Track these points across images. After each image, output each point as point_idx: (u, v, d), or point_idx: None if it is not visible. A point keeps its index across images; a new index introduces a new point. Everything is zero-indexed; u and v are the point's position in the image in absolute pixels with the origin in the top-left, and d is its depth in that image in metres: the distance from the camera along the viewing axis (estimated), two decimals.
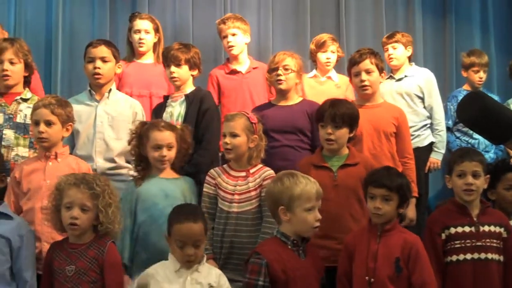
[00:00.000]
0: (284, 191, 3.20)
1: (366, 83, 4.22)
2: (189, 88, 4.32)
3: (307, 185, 3.21)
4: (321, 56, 5.18)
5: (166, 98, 4.37)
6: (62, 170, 3.52)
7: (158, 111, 4.32)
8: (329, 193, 3.52)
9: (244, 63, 5.07)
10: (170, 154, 3.71)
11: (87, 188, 3.18)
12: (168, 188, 3.68)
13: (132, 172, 3.89)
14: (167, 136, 3.71)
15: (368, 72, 4.23)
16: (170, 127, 3.79)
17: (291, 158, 4.05)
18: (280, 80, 4.28)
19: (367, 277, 3.24)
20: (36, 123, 3.67)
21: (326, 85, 5.17)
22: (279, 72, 4.28)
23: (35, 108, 3.72)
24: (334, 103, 3.81)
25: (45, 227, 3.49)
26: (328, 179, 3.64)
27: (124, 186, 3.88)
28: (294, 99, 4.35)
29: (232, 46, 5.00)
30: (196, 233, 3.13)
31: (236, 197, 3.67)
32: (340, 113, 3.74)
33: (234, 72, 5.04)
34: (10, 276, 3.20)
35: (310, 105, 4.25)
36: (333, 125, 3.74)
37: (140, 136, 3.75)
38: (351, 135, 3.83)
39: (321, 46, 5.19)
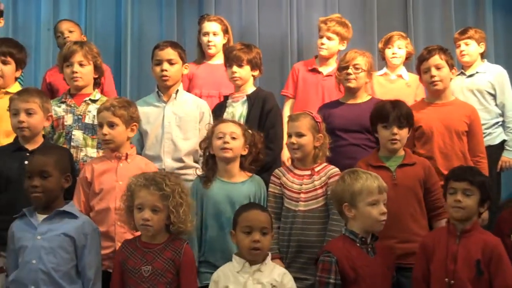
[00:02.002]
0: (345, 189, 3.25)
1: (436, 78, 4.15)
2: (250, 88, 4.33)
3: (368, 179, 3.24)
4: (388, 52, 5.15)
5: (226, 98, 4.39)
6: (133, 171, 3.54)
7: (217, 110, 4.33)
8: (388, 192, 3.47)
9: (330, 66, 5.05)
10: (233, 144, 3.68)
11: (157, 189, 3.19)
12: (234, 195, 3.66)
13: (199, 172, 3.89)
14: (230, 126, 3.73)
15: (437, 67, 4.16)
16: (237, 122, 3.84)
17: (358, 156, 3.99)
18: (350, 79, 4.26)
19: (446, 279, 3.19)
20: (100, 125, 3.73)
21: (396, 83, 5.13)
22: (349, 71, 4.26)
23: (98, 111, 3.78)
24: (396, 104, 3.81)
25: (118, 227, 3.55)
26: (387, 178, 3.58)
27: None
28: (363, 97, 4.32)
29: (323, 49, 5.01)
30: (263, 220, 3.21)
31: (302, 195, 3.66)
32: (404, 113, 3.75)
33: (315, 71, 5.04)
34: (76, 274, 3.24)
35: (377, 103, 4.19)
36: (398, 125, 3.73)
37: (209, 136, 3.77)
38: (409, 135, 3.84)
39: (387, 42, 5.20)
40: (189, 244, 3.29)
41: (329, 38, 5.00)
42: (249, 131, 3.81)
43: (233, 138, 3.69)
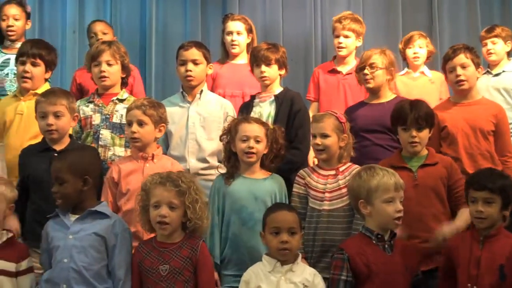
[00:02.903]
0: (361, 185, 3.23)
1: (462, 77, 4.10)
2: (277, 88, 4.32)
3: (384, 176, 3.22)
4: (409, 52, 5.14)
5: (252, 97, 4.38)
6: (159, 171, 3.53)
7: (244, 110, 4.32)
8: (410, 193, 3.47)
9: (348, 65, 5.05)
10: (257, 148, 3.67)
11: (173, 186, 3.19)
12: (257, 190, 3.66)
13: (221, 170, 3.89)
14: (255, 129, 3.70)
15: (463, 66, 4.11)
16: (260, 121, 3.80)
17: (381, 157, 3.96)
18: (367, 79, 4.25)
19: (469, 284, 3.15)
20: (129, 123, 3.74)
21: (420, 80, 5.11)
22: (366, 71, 4.25)
23: (128, 110, 3.80)
24: (414, 105, 3.75)
25: None
26: (408, 179, 3.57)
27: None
28: (387, 96, 4.28)
29: (342, 48, 5.00)
30: (290, 220, 3.21)
31: (327, 195, 3.65)
32: (423, 115, 3.69)
33: (334, 71, 5.05)
34: (106, 273, 3.25)
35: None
36: (417, 127, 3.68)
37: (231, 132, 3.76)
38: (430, 134, 3.78)
39: (408, 42, 5.18)
40: (205, 242, 3.30)
41: (345, 37, 5.00)
42: (270, 126, 3.81)
43: (257, 141, 3.68)
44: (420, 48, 5.13)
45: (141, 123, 3.73)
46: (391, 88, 4.35)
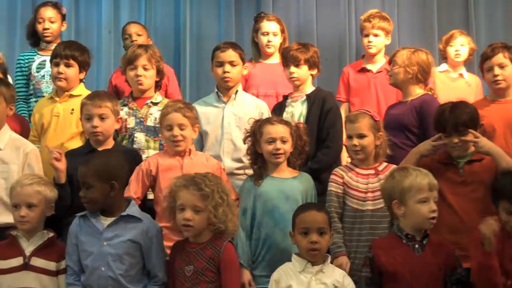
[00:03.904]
0: (395, 185, 3.22)
1: (499, 77, 4.06)
2: (309, 88, 4.31)
3: (418, 176, 3.19)
4: (450, 50, 5.08)
5: (285, 97, 4.38)
6: (197, 166, 3.62)
7: (277, 110, 4.33)
8: (455, 189, 3.46)
9: (378, 63, 5.04)
10: (284, 148, 3.67)
11: (196, 189, 3.20)
12: (287, 190, 3.66)
13: (248, 171, 3.90)
14: (280, 129, 3.68)
15: (501, 66, 4.07)
16: (283, 121, 3.79)
17: (395, 155, 3.89)
18: (388, 75, 4.29)
19: (509, 282, 3.13)
20: (169, 128, 3.74)
21: (458, 82, 5.07)
22: (388, 67, 4.28)
23: (165, 114, 3.79)
24: (453, 111, 3.65)
25: None
26: (454, 175, 3.55)
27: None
28: (414, 93, 4.21)
29: (371, 46, 4.99)
30: (320, 221, 3.21)
31: (370, 194, 3.62)
32: (463, 121, 3.61)
33: (364, 70, 5.03)
34: (141, 275, 3.29)
35: (420, 101, 4.13)
36: (458, 133, 3.62)
37: (255, 134, 3.76)
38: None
39: (448, 40, 5.13)
40: (232, 243, 3.30)
41: (375, 35, 4.99)
42: (293, 124, 3.80)
43: (284, 142, 3.67)
44: (461, 46, 5.08)
45: (182, 126, 3.75)
46: (421, 86, 4.25)
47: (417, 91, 4.20)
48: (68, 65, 4.24)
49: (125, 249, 3.23)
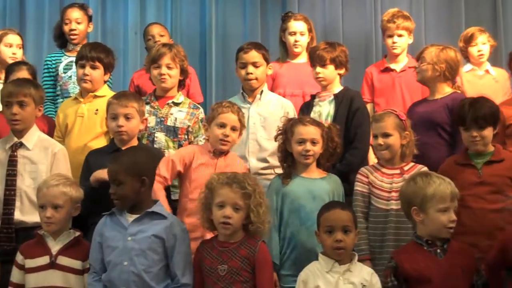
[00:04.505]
0: (417, 191, 3.16)
1: None
2: (337, 87, 4.29)
3: (441, 185, 3.14)
4: (473, 50, 5.04)
5: (313, 97, 4.37)
6: (229, 166, 3.65)
7: (305, 109, 4.32)
8: (474, 190, 3.45)
9: (401, 62, 5.02)
10: (314, 149, 3.67)
11: (239, 188, 3.20)
12: (315, 189, 3.66)
13: (277, 170, 3.90)
14: (311, 131, 3.69)
15: None
16: (316, 122, 3.78)
17: (427, 154, 3.90)
18: (416, 71, 4.28)
19: None
20: (222, 126, 3.77)
21: (485, 79, 5.02)
22: (416, 64, 4.28)
23: (220, 112, 3.79)
24: (473, 104, 3.67)
25: None
26: (473, 176, 3.53)
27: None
28: (442, 92, 4.19)
29: (396, 47, 4.97)
30: (345, 219, 3.19)
31: (394, 194, 3.59)
32: (482, 115, 3.61)
33: (387, 70, 5.01)
34: (164, 273, 3.27)
35: (451, 99, 4.10)
36: (477, 127, 3.61)
37: (286, 132, 3.76)
38: (495, 131, 3.70)
39: (469, 40, 5.08)
40: (265, 243, 3.29)
41: (399, 36, 4.97)
42: (325, 125, 3.79)
43: (314, 143, 3.67)
44: (483, 44, 5.03)
45: (234, 128, 3.79)
46: (449, 84, 4.24)
47: (446, 89, 4.18)
48: (93, 67, 4.28)
49: (148, 244, 3.23)
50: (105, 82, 4.39)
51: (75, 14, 5.16)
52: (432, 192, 3.12)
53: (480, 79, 5.01)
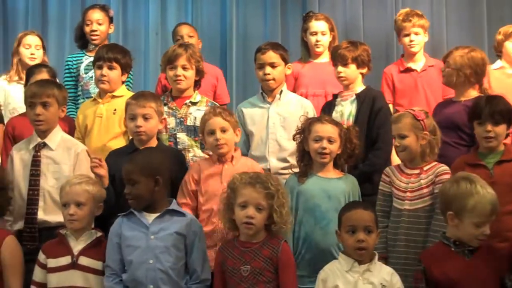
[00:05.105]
0: (458, 197, 3.12)
1: None
2: (359, 87, 4.28)
3: (483, 197, 3.09)
4: (509, 46, 4.96)
5: (335, 96, 4.36)
6: (238, 172, 3.59)
7: (326, 109, 4.31)
8: None
9: (419, 61, 5.00)
10: (330, 148, 3.66)
11: (262, 188, 3.20)
12: (330, 189, 3.65)
13: (295, 170, 3.90)
14: (328, 129, 3.69)
15: None
16: (334, 122, 3.78)
17: (447, 154, 3.88)
18: (442, 74, 4.25)
19: None
20: (211, 132, 3.77)
21: None
22: (442, 68, 4.24)
23: (206, 120, 3.82)
24: (490, 100, 3.67)
25: (221, 226, 3.57)
26: (484, 176, 3.45)
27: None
28: (468, 95, 4.15)
29: (414, 45, 4.95)
30: (367, 219, 3.17)
31: (408, 194, 3.59)
32: (499, 110, 3.61)
33: (408, 70, 4.99)
34: (184, 272, 3.30)
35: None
36: (492, 122, 3.59)
37: (304, 131, 3.76)
38: (508, 131, 3.68)
39: (509, 36, 5.00)
40: (287, 242, 3.29)
41: (416, 34, 4.95)
42: (344, 126, 3.79)
43: (330, 142, 3.67)
44: None
45: (224, 130, 3.77)
46: (475, 87, 4.20)
47: (471, 93, 4.16)
48: (111, 68, 4.31)
49: (172, 242, 3.26)
50: (123, 82, 4.42)
51: (96, 15, 5.21)
52: (472, 204, 3.08)
53: (508, 78, 4.95)
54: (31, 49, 5.15)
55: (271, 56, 4.26)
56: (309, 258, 3.57)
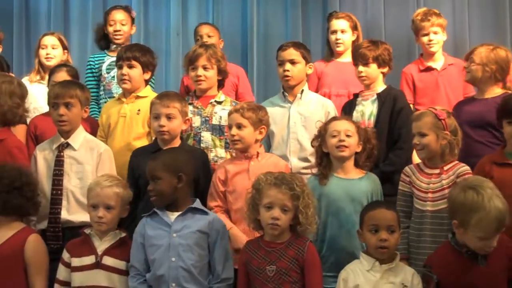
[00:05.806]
0: (463, 207, 3.05)
1: None
2: (380, 86, 4.26)
3: (489, 214, 2.98)
4: None
5: (356, 96, 4.35)
6: (264, 169, 3.60)
7: (347, 108, 4.30)
8: None
9: (439, 60, 4.97)
10: (349, 141, 3.65)
11: (288, 189, 3.18)
12: (353, 192, 3.64)
13: (314, 170, 3.90)
14: (344, 124, 3.69)
15: None
16: (349, 119, 3.81)
17: (481, 153, 3.85)
18: (465, 71, 4.22)
19: None
20: (230, 126, 3.83)
21: None
22: (465, 64, 4.22)
23: (228, 114, 3.88)
24: None
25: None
26: (511, 176, 3.45)
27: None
28: (492, 93, 4.14)
29: (433, 45, 4.92)
30: (389, 218, 3.16)
31: (430, 195, 3.56)
32: None
33: (429, 69, 4.95)
34: (207, 271, 3.31)
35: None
36: None
37: (321, 134, 3.75)
38: None
39: None
40: (312, 243, 3.28)
41: (435, 33, 4.93)
42: (362, 127, 3.78)
43: (348, 136, 3.65)
44: None
45: (239, 126, 3.78)
46: (499, 84, 4.17)
47: (496, 90, 4.14)
48: (130, 66, 4.32)
49: (194, 240, 3.27)
50: (146, 81, 4.42)
51: (119, 15, 5.25)
52: (477, 220, 2.99)
53: None
54: (47, 49, 5.18)
55: (291, 53, 4.26)
56: (334, 260, 3.55)
